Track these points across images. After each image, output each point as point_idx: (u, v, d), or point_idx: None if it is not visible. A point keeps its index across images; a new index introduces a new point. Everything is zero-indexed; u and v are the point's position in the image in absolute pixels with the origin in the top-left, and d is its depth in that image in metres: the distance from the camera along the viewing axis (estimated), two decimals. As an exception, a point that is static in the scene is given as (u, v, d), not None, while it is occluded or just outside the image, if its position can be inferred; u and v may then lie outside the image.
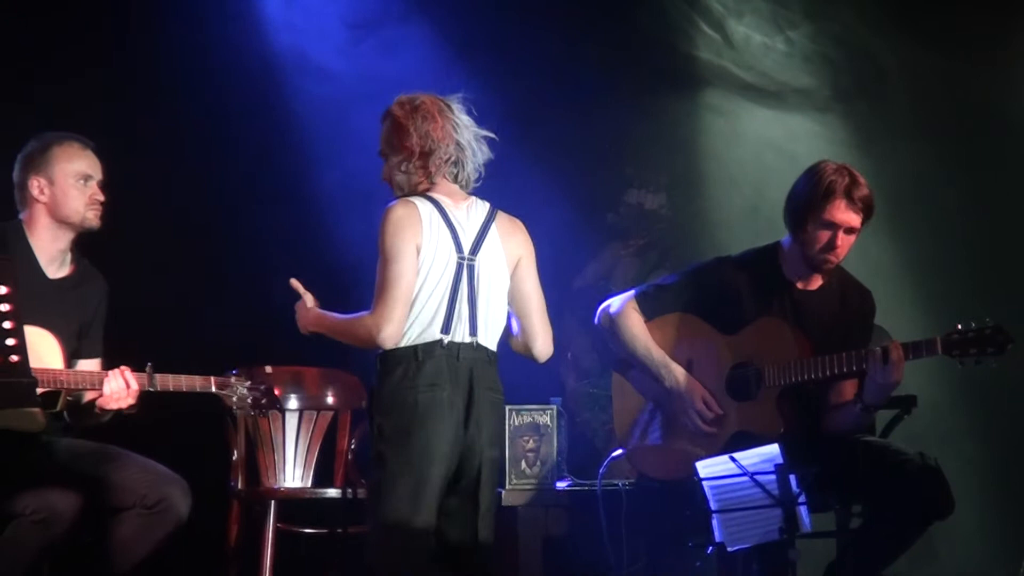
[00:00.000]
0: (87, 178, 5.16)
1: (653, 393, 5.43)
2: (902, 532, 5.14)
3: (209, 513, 5.39)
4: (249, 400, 5.21)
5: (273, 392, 5.28)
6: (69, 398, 5.09)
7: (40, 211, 5.15)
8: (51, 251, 5.17)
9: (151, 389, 5.07)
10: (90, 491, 5.00)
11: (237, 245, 6.63)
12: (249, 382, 5.22)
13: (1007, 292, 6.29)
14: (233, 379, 5.20)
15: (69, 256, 5.23)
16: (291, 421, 6.00)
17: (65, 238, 5.18)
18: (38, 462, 5.03)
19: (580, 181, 6.96)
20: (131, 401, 5.05)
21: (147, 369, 5.06)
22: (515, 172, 6.67)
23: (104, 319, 5.31)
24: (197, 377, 5.14)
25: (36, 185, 5.14)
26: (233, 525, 5.81)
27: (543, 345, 4.80)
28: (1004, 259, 6.52)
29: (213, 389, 5.17)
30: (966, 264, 6.51)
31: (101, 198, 5.18)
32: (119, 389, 5.02)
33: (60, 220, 5.15)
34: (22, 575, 4.93)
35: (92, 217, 5.17)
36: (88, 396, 5.14)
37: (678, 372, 5.35)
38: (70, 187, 5.13)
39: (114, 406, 5.05)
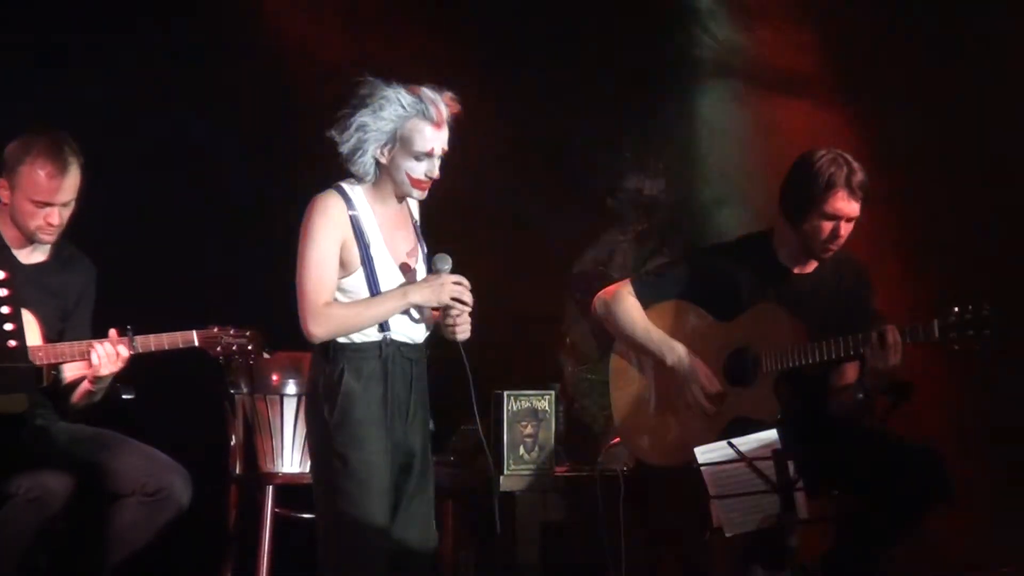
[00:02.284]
0: (45, 204, 5.11)
1: (652, 378, 5.43)
2: (901, 519, 5.14)
3: (207, 498, 5.39)
4: (234, 348, 5.18)
5: (259, 339, 5.23)
6: (53, 372, 5.09)
7: (3, 206, 5.16)
8: (20, 240, 5.17)
9: (132, 352, 5.05)
10: (89, 476, 5.02)
11: (239, 234, 6.62)
12: (233, 331, 5.19)
13: (1006, 277, 6.27)
14: (216, 330, 5.17)
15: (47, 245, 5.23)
16: (289, 406, 5.99)
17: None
18: (30, 445, 5.05)
19: (579, 166, 6.95)
20: (121, 365, 5.04)
21: (127, 332, 5.04)
22: (514, 154, 6.68)
23: (91, 301, 5.30)
24: (178, 333, 5.12)
25: (1, 184, 5.15)
26: (231, 510, 5.81)
27: None
28: (1004, 244, 6.49)
29: (196, 343, 5.14)
30: (966, 249, 6.49)
31: (55, 222, 5.13)
32: (109, 353, 5.00)
33: (15, 225, 5.16)
34: (19, 556, 4.96)
35: (42, 236, 5.15)
36: (69, 376, 5.15)
37: (680, 349, 5.35)
38: (25, 204, 5.11)
39: (106, 371, 5.02)
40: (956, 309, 5.01)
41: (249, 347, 5.22)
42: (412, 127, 4.61)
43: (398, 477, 4.64)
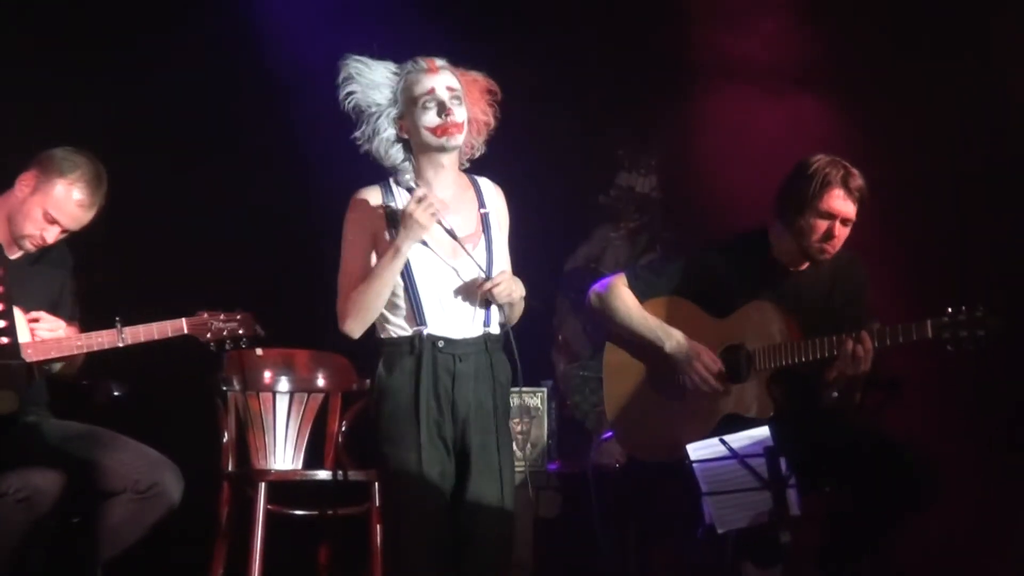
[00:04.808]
0: (53, 222, 5.11)
1: (646, 372, 5.43)
2: (892, 516, 5.15)
3: (199, 495, 5.39)
4: (225, 333, 5.17)
5: (250, 321, 5.22)
6: (45, 368, 5.09)
7: (8, 200, 5.15)
8: (7, 239, 5.16)
9: (121, 344, 5.05)
10: (80, 474, 5.01)
11: (233, 225, 6.62)
12: (223, 316, 5.17)
13: (1005, 275, 6.27)
14: (206, 315, 5.16)
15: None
16: (282, 403, 5.99)
17: None
18: (21, 443, 5.04)
19: (571, 162, 6.95)
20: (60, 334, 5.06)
21: (116, 323, 5.04)
22: (507, 151, 6.67)
23: (74, 281, 5.29)
24: (167, 322, 5.11)
25: (24, 180, 5.12)
26: (223, 507, 5.79)
27: None
28: (1003, 242, 6.49)
29: (185, 330, 5.13)
30: (964, 247, 6.49)
31: (50, 240, 5.13)
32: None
33: (9, 220, 5.14)
34: (9, 555, 4.95)
35: (27, 244, 5.15)
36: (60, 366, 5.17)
37: (677, 335, 5.35)
38: (35, 210, 5.10)
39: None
40: (950, 310, 5.02)
41: (240, 331, 5.21)
42: (407, 83, 4.57)
43: (460, 471, 4.57)
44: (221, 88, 6.65)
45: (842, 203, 5.23)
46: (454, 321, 4.58)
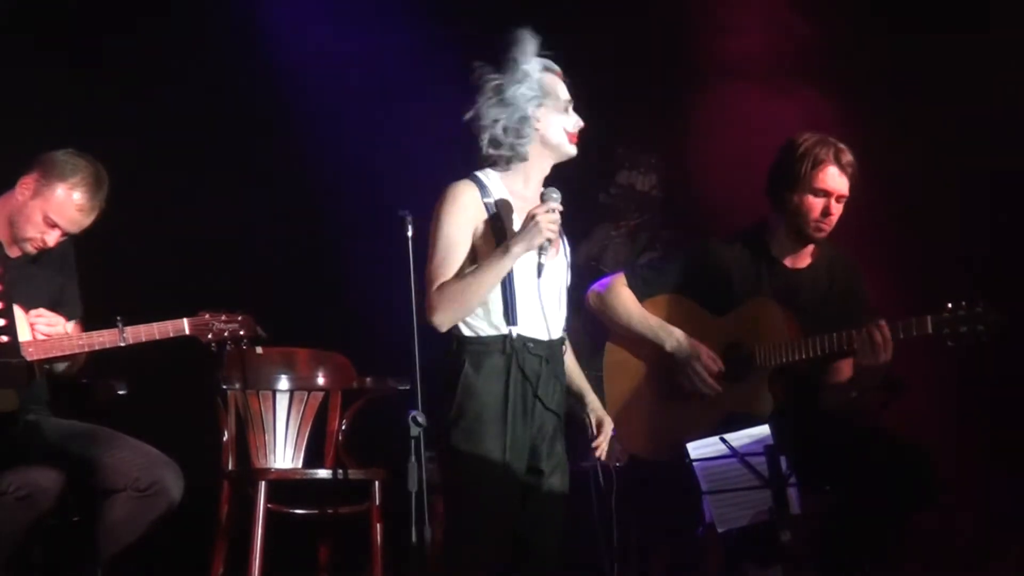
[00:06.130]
0: (54, 226, 5.13)
1: (646, 372, 5.43)
2: (892, 515, 5.15)
3: (200, 494, 5.39)
4: (226, 334, 5.19)
5: (251, 322, 5.25)
6: (46, 367, 5.09)
7: (9, 202, 5.16)
8: (8, 238, 5.18)
9: (122, 343, 5.06)
10: (81, 472, 5.02)
11: (234, 226, 6.62)
12: (224, 316, 5.20)
13: (1002, 271, 6.27)
14: (208, 316, 5.18)
15: None
16: (282, 402, 5.99)
17: None
18: (21, 441, 5.05)
19: (571, 161, 6.93)
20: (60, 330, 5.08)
21: (117, 323, 5.05)
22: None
23: (75, 279, 5.32)
24: (168, 322, 5.12)
25: (25, 183, 5.14)
26: (224, 506, 5.80)
27: None
28: (1000, 238, 6.49)
29: (187, 331, 5.15)
30: (962, 243, 6.48)
31: (50, 243, 5.16)
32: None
33: (10, 222, 5.16)
34: (9, 553, 4.96)
35: (28, 247, 5.17)
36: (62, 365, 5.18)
37: (678, 333, 5.35)
38: (37, 214, 5.12)
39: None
40: (950, 305, 5.03)
41: (241, 332, 5.24)
42: (550, 82, 4.62)
43: (526, 477, 4.52)
44: (222, 88, 6.66)
45: (836, 180, 5.25)
46: (544, 322, 4.55)
